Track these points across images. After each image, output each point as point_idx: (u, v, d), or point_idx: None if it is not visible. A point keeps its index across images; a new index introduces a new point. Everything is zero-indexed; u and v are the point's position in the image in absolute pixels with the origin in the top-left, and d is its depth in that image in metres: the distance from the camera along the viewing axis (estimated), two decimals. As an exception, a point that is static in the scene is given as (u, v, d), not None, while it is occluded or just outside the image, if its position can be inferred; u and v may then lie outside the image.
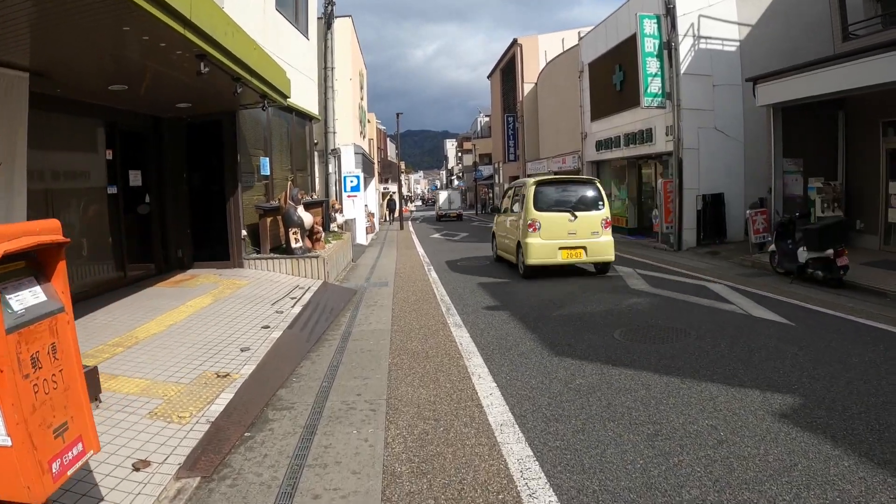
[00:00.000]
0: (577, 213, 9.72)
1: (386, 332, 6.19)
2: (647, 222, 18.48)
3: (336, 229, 12.59)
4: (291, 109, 11.79)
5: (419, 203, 79.90)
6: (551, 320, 6.61)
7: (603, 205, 10.13)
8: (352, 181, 16.56)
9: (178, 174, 9.20)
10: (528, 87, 31.63)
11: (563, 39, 31.76)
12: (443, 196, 36.71)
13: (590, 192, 10.23)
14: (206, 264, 9.24)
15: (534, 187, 9.90)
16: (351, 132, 17.93)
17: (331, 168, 16.77)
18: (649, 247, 15.54)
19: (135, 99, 7.61)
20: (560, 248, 9.53)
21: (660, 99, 14.98)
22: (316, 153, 17.64)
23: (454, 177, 78.78)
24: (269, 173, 10.05)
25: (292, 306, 6.93)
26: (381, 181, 40.37)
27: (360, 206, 18.16)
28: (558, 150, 25.16)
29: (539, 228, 9.54)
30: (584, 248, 9.60)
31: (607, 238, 9.86)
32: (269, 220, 9.29)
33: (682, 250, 14.43)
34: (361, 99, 21.92)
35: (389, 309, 7.47)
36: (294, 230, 8.74)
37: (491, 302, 7.81)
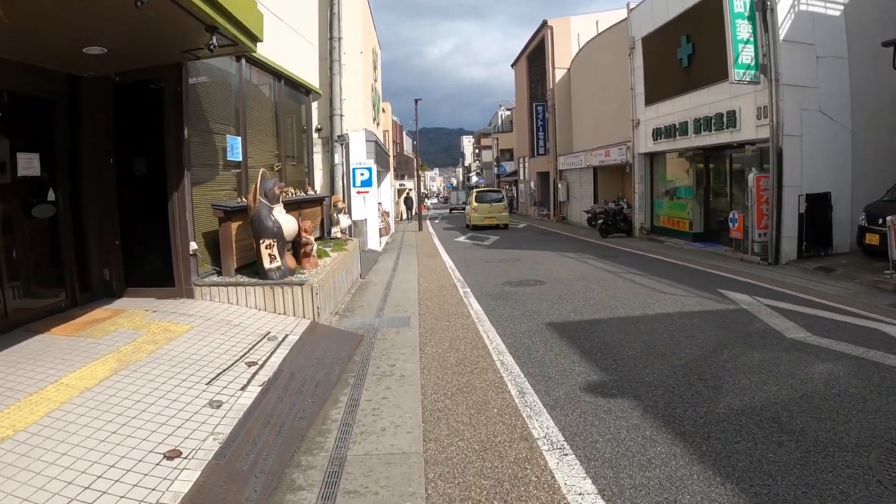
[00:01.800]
0: (492, 203, 22.78)
1: (415, 469, 3.07)
2: (714, 225, 15.31)
3: (339, 235, 9.61)
4: (280, 76, 8.80)
5: (435, 200, 77.45)
6: (727, 425, 3.50)
7: (503, 199, 23.76)
8: (362, 174, 13.54)
9: (103, 160, 6.23)
10: (559, 74, 28.39)
11: (597, 21, 28.53)
12: (453, 195, 54.32)
13: (499, 194, 23.99)
14: (142, 291, 6.25)
15: (475, 192, 24.04)
16: (362, 116, 14.92)
17: (337, 158, 13.76)
18: (731, 258, 12.36)
19: (11, 40, 4.66)
20: (485, 218, 22.10)
21: (753, 72, 11.77)
22: (319, 140, 14.66)
23: (472, 173, 75.53)
24: (240, 159, 7.06)
25: (244, 386, 3.90)
26: (396, 177, 37.42)
27: (373, 204, 15.12)
28: (599, 141, 21.94)
29: (476, 210, 22.45)
30: (495, 217, 22.21)
31: (506, 213, 23.06)
32: (234, 225, 6.28)
33: (781, 264, 11.24)
34: (375, 80, 18.89)
35: (416, 387, 4.36)
36: (267, 242, 5.72)
37: (590, 371, 4.68)
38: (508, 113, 54.45)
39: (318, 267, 6.95)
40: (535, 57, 32.42)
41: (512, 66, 39.73)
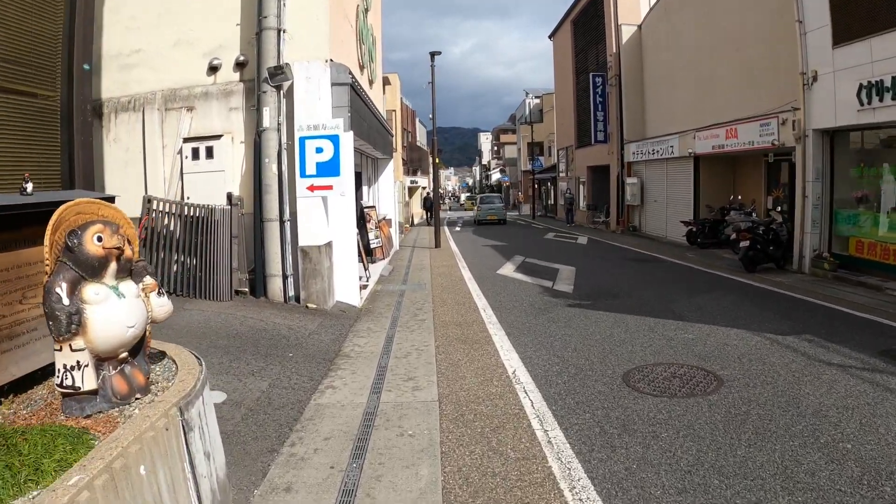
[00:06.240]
0: (492, 205, 29.89)
1: None
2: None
3: (84, 387, 2.17)
4: None
5: (451, 201, 70.82)
6: None
7: (501, 202, 32.08)
8: (319, 149, 6.37)
9: None
10: (626, 34, 20.99)
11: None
12: (464, 196, 56.93)
13: (499, 198, 33.00)
14: None
15: (479, 196, 37.69)
16: (326, 43, 7.75)
17: (267, 118, 6.57)
18: None
19: None
20: (487, 216, 28.67)
21: None
22: (241, 84, 7.52)
23: (494, 171, 68.01)
24: None
25: None
26: (406, 172, 30.24)
27: (345, 215, 7.85)
28: (711, 116, 14.53)
29: (480, 210, 29.72)
30: (495, 215, 28.77)
31: (504, 212, 30.23)
32: None
33: None
34: (367, 8, 11.68)
35: None
36: None
37: None
38: (538, 101, 46.95)
39: None
40: (587, 18, 24.99)
41: (550, 36, 32.31)
